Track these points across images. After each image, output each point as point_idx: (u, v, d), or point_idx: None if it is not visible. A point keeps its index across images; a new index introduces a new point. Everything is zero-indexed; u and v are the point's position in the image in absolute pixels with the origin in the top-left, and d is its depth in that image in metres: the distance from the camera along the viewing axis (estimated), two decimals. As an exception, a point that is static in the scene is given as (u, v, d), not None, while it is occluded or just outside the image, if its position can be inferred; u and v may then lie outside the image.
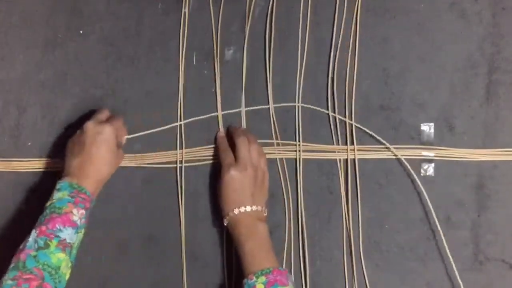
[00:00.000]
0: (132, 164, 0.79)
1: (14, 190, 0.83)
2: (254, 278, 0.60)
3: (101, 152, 0.69)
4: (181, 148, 0.77)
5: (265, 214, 0.68)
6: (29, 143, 0.83)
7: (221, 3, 0.77)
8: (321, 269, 0.72)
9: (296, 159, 0.73)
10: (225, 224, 0.68)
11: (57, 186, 0.66)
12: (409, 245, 0.70)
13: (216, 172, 0.76)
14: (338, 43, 0.73)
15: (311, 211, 0.73)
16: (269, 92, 0.75)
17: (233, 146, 0.71)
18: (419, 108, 0.71)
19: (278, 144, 0.74)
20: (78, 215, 0.64)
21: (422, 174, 0.70)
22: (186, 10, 0.78)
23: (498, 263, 0.68)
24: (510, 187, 0.68)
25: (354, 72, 0.72)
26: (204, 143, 0.77)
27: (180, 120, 0.77)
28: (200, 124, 0.77)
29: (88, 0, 0.82)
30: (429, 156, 0.69)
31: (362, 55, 0.72)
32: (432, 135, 0.70)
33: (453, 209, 0.69)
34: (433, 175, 0.70)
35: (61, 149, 0.81)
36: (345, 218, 0.72)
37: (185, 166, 0.77)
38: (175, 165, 0.77)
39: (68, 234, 0.63)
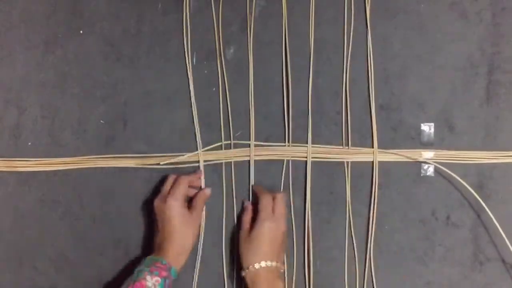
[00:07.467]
0: (132, 165, 0.79)
1: (14, 190, 0.83)
2: None
3: (173, 229, 0.69)
4: (183, 149, 0.77)
5: (282, 271, 0.68)
6: (29, 143, 0.83)
7: (221, 3, 0.77)
8: (321, 269, 0.72)
9: (306, 161, 0.73)
10: (242, 275, 0.67)
11: (142, 263, 0.69)
12: (409, 245, 0.70)
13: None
14: (340, 44, 0.73)
15: (312, 211, 0.73)
16: (284, 95, 0.75)
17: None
18: (419, 108, 0.71)
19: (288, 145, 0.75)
20: (152, 281, 0.65)
21: (422, 174, 0.70)
22: (187, 10, 0.78)
23: (498, 263, 0.68)
24: (510, 187, 0.68)
25: (370, 74, 0.72)
26: (205, 144, 0.77)
27: (190, 120, 0.77)
28: (202, 124, 0.77)
29: (88, 0, 0.82)
30: (429, 156, 0.69)
31: (362, 55, 0.72)
32: (432, 135, 0.70)
33: (453, 209, 0.69)
34: (433, 175, 0.70)
35: (61, 149, 0.81)
36: (348, 219, 0.72)
37: (185, 167, 0.77)
38: (176, 166, 0.77)
39: None
